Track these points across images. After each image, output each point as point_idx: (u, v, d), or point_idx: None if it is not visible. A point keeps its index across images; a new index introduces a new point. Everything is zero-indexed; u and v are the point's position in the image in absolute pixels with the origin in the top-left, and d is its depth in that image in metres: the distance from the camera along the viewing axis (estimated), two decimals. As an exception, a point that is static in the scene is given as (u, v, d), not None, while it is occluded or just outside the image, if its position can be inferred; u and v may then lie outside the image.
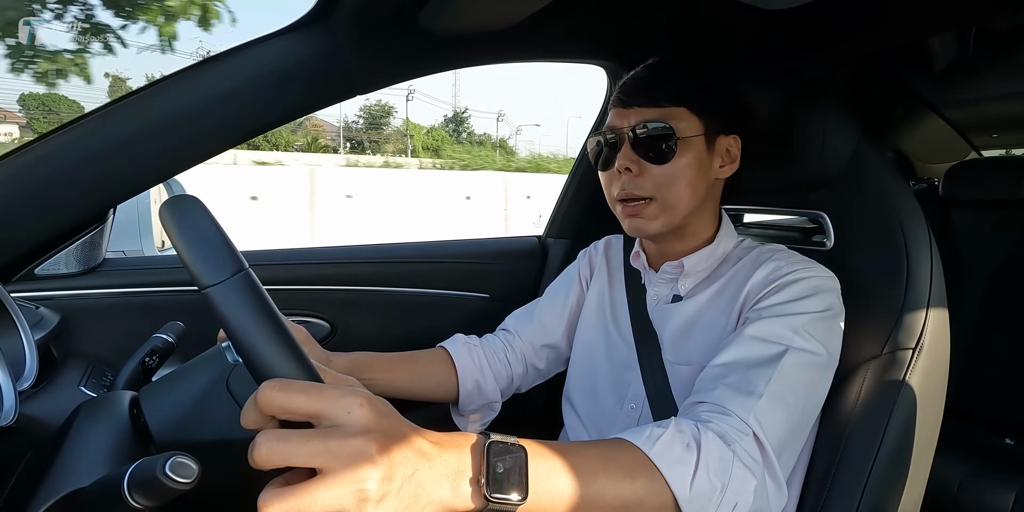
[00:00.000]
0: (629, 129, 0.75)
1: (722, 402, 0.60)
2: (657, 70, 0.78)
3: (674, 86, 0.75)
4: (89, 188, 0.73)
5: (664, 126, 0.73)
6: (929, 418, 0.74)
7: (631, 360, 0.81)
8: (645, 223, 0.76)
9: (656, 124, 0.73)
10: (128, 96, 0.74)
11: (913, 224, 0.77)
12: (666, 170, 0.74)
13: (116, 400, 0.55)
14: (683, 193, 0.74)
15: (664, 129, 0.73)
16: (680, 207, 0.75)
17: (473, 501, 0.41)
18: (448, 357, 0.89)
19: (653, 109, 0.74)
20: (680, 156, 0.73)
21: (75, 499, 0.43)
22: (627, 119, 0.76)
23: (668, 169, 0.73)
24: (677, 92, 0.75)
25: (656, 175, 0.74)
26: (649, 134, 0.73)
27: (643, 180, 0.74)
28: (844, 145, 0.82)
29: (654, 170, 0.74)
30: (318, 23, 0.77)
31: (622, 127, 0.76)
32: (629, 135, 0.75)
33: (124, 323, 0.92)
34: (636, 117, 0.75)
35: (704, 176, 0.76)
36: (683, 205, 0.75)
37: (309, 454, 0.35)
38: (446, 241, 1.26)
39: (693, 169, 0.74)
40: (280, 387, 0.37)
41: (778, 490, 0.59)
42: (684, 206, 0.75)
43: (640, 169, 0.74)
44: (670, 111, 0.74)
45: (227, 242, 0.39)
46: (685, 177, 0.74)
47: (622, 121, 0.76)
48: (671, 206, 0.75)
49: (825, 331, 0.67)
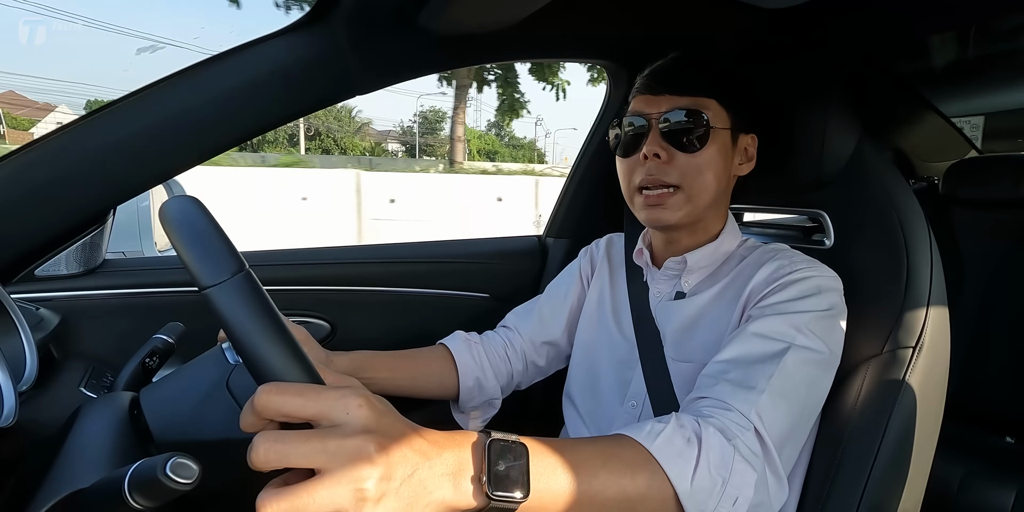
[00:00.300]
0: (659, 116, 0.74)
1: (723, 397, 0.60)
2: (687, 62, 0.77)
3: (707, 77, 0.75)
4: (89, 189, 0.73)
5: (699, 113, 0.73)
6: (929, 416, 0.74)
7: (632, 357, 0.81)
8: (667, 213, 0.75)
9: (689, 111, 0.73)
10: (128, 97, 0.74)
11: (913, 223, 0.77)
12: (695, 159, 0.73)
13: (116, 401, 0.55)
14: (710, 183, 0.74)
15: (697, 117, 0.72)
16: (704, 197, 0.75)
17: (475, 499, 0.41)
18: (448, 354, 0.89)
19: (686, 98, 0.74)
20: (710, 146, 0.73)
21: (76, 500, 0.43)
22: (657, 106, 0.75)
23: (698, 158, 0.73)
24: (709, 83, 0.75)
25: (684, 163, 0.74)
26: (683, 121, 0.73)
27: (671, 167, 0.74)
28: (844, 144, 0.82)
29: (682, 158, 0.74)
30: (318, 23, 0.77)
31: (651, 113, 0.75)
32: (660, 122, 0.74)
33: (124, 324, 0.92)
34: (667, 104, 0.74)
35: (727, 170, 0.77)
36: (707, 195, 0.75)
37: (307, 454, 0.35)
38: (446, 241, 1.26)
39: (720, 161, 0.75)
40: (277, 391, 0.37)
41: (779, 485, 0.58)
42: (708, 197, 0.75)
43: (669, 156, 0.74)
44: (702, 101, 0.74)
45: (227, 242, 0.39)
46: (713, 167, 0.74)
47: (651, 107, 0.75)
48: (696, 196, 0.74)
49: (827, 329, 0.67)
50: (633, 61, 1.09)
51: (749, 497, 0.54)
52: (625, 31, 1.00)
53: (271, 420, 0.38)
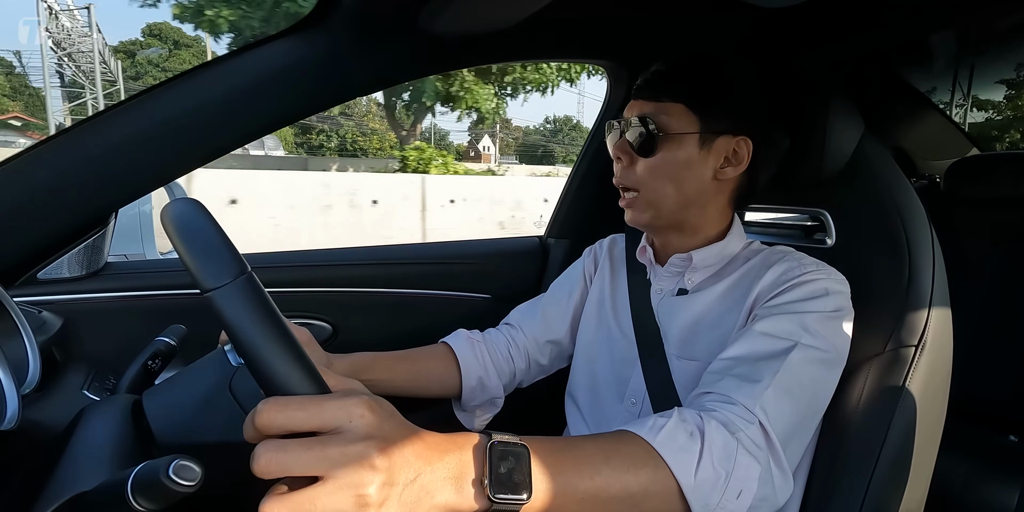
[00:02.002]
0: (626, 120, 0.77)
1: (727, 392, 0.60)
2: (672, 66, 0.77)
3: (677, 82, 0.75)
4: (91, 191, 0.73)
5: (648, 120, 0.74)
6: (932, 415, 0.74)
7: (631, 355, 0.81)
8: (636, 214, 0.78)
9: (644, 118, 0.74)
10: (130, 99, 0.74)
11: (915, 221, 0.77)
12: (650, 164, 0.75)
13: (119, 403, 0.55)
14: (665, 189, 0.75)
15: (647, 124, 0.74)
16: (664, 202, 0.76)
17: (477, 502, 0.41)
18: (451, 353, 0.89)
19: (651, 103, 0.76)
20: (663, 152, 0.74)
21: (79, 502, 0.43)
22: (631, 110, 0.78)
23: (652, 163, 0.75)
24: (678, 89, 0.75)
25: (641, 168, 0.76)
26: (635, 127, 0.75)
27: (631, 171, 0.77)
28: (845, 143, 0.82)
29: (640, 162, 0.76)
30: (319, 25, 0.77)
31: (626, 117, 0.78)
32: (624, 126, 0.77)
33: (126, 327, 0.92)
34: (636, 110, 0.77)
35: (694, 175, 0.75)
36: (667, 200, 0.76)
37: (309, 463, 0.35)
38: (447, 242, 1.26)
39: (679, 166, 0.74)
40: (278, 407, 0.37)
41: (784, 479, 0.58)
42: (669, 202, 0.76)
43: (630, 160, 0.77)
44: (666, 106, 0.74)
45: (229, 245, 0.39)
46: (667, 173, 0.74)
47: (628, 112, 0.78)
48: (655, 199, 0.76)
49: (834, 330, 0.67)
50: (633, 61, 1.09)
51: (753, 490, 0.54)
52: (625, 31, 1.00)
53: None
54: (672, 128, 0.74)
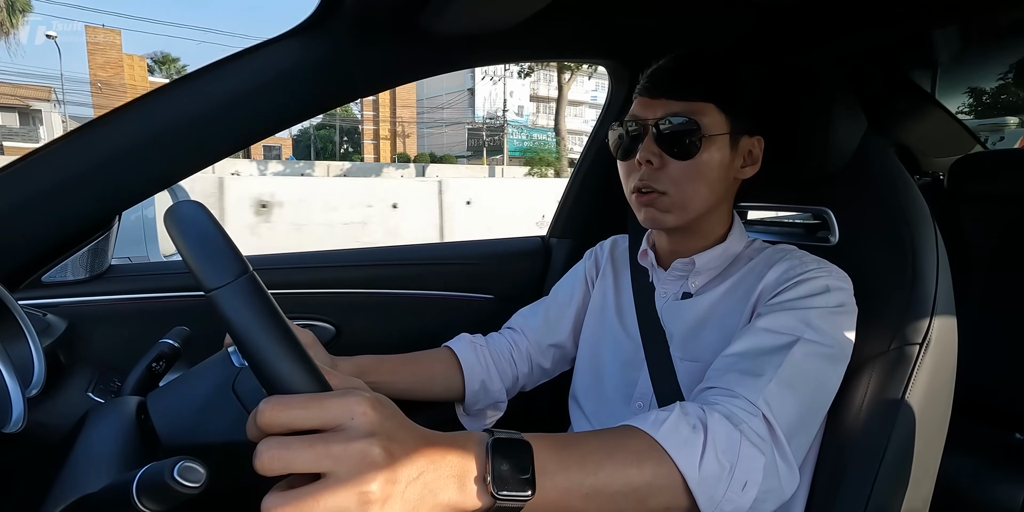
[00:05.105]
0: (654, 121, 0.72)
1: (730, 386, 0.60)
2: (688, 62, 0.75)
3: (704, 80, 0.73)
4: (94, 194, 0.74)
5: (690, 121, 0.70)
6: (937, 413, 0.74)
7: (638, 358, 0.81)
8: (659, 214, 0.74)
9: (682, 118, 0.71)
10: (133, 102, 0.74)
11: (918, 219, 0.76)
12: (687, 166, 0.72)
13: (123, 405, 0.56)
14: (700, 191, 0.73)
15: (690, 124, 0.70)
16: (695, 205, 0.74)
17: (480, 500, 0.41)
18: (453, 357, 0.89)
19: (680, 102, 0.72)
20: (703, 153, 0.71)
21: (84, 504, 0.43)
22: (653, 110, 0.73)
23: (690, 166, 0.72)
24: (706, 87, 0.72)
25: (676, 170, 0.72)
26: (674, 128, 0.71)
27: (662, 174, 0.73)
28: (848, 140, 0.82)
29: (675, 165, 0.72)
30: (320, 26, 0.77)
31: (647, 118, 0.73)
32: (653, 128, 0.72)
33: (130, 329, 0.92)
34: (662, 109, 0.72)
35: (724, 176, 0.74)
36: (699, 203, 0.74)
37: (311, 460, 0.35)
38: (450, 242, 1.26)
39: (714, 168, 0.72)
40: (280, 405, 0.36)
41: (789, 471, 0.58)
42: (700, 204, 0.74)
43: (661, 163, 0.72)
44: (698, 106, 0.71)
45: (231, 246, 0.39)
46: (705, 175, 0.72)
47: (647, 112, 0.74)
48: (687, 202, 0.73)
49: (836, 325, 0.67)
50: (635, 60, 1.09)
51: (758, 481, 0.54)
52: (626, 30, 0.99)
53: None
54: (710, 129, 0.71)
